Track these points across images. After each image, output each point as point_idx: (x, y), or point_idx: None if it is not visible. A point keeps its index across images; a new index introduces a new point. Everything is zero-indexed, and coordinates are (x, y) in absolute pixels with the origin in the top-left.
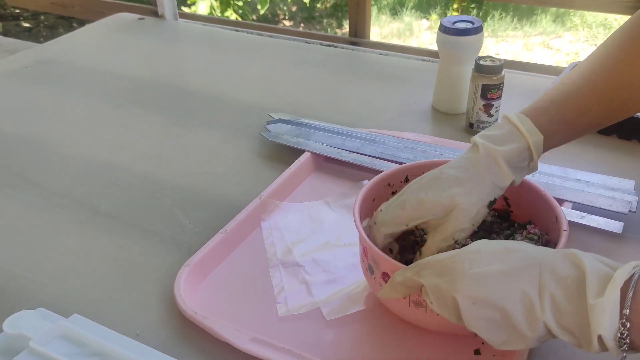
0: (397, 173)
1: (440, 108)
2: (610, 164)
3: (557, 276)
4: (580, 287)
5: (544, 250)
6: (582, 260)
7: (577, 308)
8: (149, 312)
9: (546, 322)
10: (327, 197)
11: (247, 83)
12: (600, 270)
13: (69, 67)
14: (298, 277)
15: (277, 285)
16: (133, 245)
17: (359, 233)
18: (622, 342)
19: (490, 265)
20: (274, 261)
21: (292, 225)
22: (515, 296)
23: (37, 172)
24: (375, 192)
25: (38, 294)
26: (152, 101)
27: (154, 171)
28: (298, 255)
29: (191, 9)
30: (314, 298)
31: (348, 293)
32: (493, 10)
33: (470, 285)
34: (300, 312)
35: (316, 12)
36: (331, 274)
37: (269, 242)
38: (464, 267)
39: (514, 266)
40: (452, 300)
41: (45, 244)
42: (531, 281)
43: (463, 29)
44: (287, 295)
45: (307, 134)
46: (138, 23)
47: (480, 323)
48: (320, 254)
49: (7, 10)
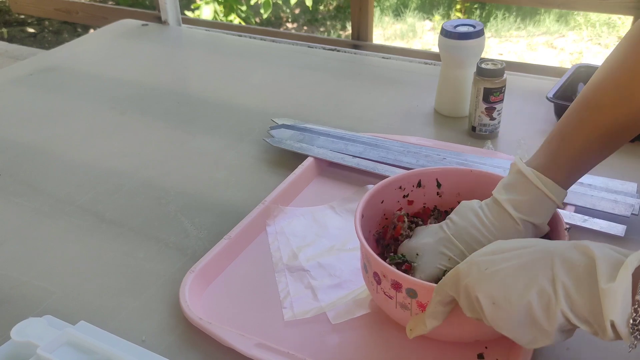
0: (409, 177)
1: (442, 112)
2: (612, 166)
3: (568, 265)
4: (592, 274)
5: (556, 243)
6: (591, 249)
7: (589, 295)
8: (155, 318)
9: (563, 311)
10: (332, 201)
11: (251, 88)
12: (611, 256)
13: (73, 74)
14: (304, 281)
15: (282, 290)
16: (138, 252)
17: (358, 236)
18: (634, 329)
19: (504, 262)
20: (279, 266)
21: (298, 230)
22: (532, 290)
23: (42, 180)
24: (385, 194)
25: (45, 302)
26: (156, 107)
27: (158, 177)
28: (304, 260)
29: (194, 13)
30: (320, 303)
31: (354, 297)
32: (496, 11)
33: (488, 284)
34: (306, 317)
35: (319, 14)
36: (336, 278)
37: (274, 246)
38: (480, 268)
39: (527, 260)
40: (477, 302)
41: (52, 251)
42: (545, 273)
43: (464, 32)
44: (292, 300)
45: (311, 139)
46: (142, 29)
47: (504, 322)
48: (326, 258)
49: (12, 16)
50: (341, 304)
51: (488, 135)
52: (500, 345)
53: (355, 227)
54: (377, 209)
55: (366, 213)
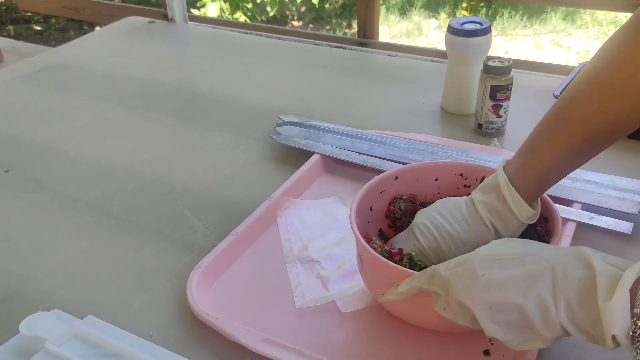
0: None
1: (449, 109)
2: (619, 164)
3: (570, 277)
4: (592, 287)
5: (556, 251)
6: (592, 261)
7: (590, 308)
8: (162, 313)
9: (562, 323)
10: (341, 192)
11: (257, 85)
12: (609, 271)
13: (80, 71)
14: (314, 272)
15: (294, 280)
16: (145, 248)
17: (352, 226)
18: (635, 340)
19: (503, 270)
20: (290, 257)
21: (308, 222)
22: (531, 300)
23: (49, 176)
24: (385, 185)
25: (53, 296)
26: (163, 104)
27: (165, 174)
28: (314, 252)
29: (200, 11)
30: (330, 292)
31: (363, 288)
32: (502, 9)
33: (485, 291)
34: (317, 305)
35: (325, 12)
36: (346, 269)
37: (285, 237)
38: (477, 273)
39: (527, 271)
40: (465, 306)
41: (59, 247)
42: (545, 284)
43: (471, 30)
44: (304, 289)
45: (317, 136)
46: (148, 26)
47: (497, 327)
48: (336, 249)
49: (19, 14)
50: (350, 292)
51: (495, 133)
52: None
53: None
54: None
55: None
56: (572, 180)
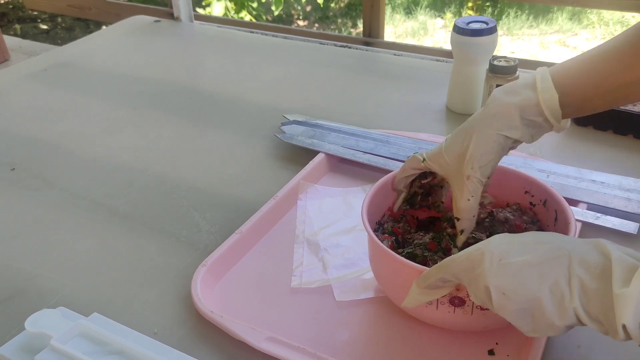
0: None
1: (454, 109)
2: (625, 164)
3: (586, 263)
4: (607, 274)
5: (574, 240)
6: (609, 250)
7: (603, 295)
8: (167, 311)
9: (575, 309)
10: (365, 184)
11: (262, 84)
12: (626, 260)
13: (86, 70)
14: (318, 255)
15: (297, 260)
16: (150, 246)
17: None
18: None
19: (519, 256)
20: (300, 238)
21: (325, 209)
22: (546, 286)
23: (55, 174)
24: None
25: (58, 294)
26: (169, 103)
27: (170, 172)
28: (324, 237)
29: (206, 10)
30: (328, 276)
31: (362, 278)
32: (508, 9)
33: (501, 276)
34: (312, 287)
35: (330, 11)
36: (349, 258)
37: (300, 220)
38: (493, 258)
39: (544, 257)
40: (485, 290)
41: (65, 244)
42: (561, 271)
43: (477, 29)
44: (303, 270)
45: (322, 135)
46: (154, 25)
47: (511, 312)
48: (344, 238)
49: (25, 13)
50: (347, 279)
51: None
52: (511, 342)
53: (362, 217)
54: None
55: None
56: (578, 180)
